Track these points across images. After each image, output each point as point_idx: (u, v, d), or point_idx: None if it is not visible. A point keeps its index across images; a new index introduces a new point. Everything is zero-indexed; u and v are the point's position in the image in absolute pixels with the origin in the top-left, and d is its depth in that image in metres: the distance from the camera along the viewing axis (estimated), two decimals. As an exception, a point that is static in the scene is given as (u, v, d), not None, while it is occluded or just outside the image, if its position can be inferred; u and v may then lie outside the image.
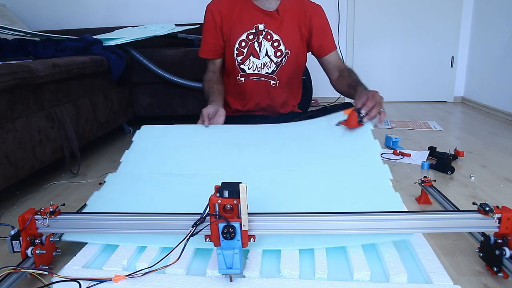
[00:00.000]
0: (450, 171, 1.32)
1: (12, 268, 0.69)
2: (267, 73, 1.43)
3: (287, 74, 1.44)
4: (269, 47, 1.39)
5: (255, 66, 1.41)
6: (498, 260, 0.71)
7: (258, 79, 1.43)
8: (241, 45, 1.39)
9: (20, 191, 1.28)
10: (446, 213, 0.77)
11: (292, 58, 1.42)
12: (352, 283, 0.69)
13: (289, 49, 1.40)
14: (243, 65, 1.42)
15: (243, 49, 1.40)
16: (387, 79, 2.95)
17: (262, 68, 1.42)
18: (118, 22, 2.77)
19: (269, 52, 1.40)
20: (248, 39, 1.39)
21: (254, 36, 1.38)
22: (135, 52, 1.96)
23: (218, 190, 0.68)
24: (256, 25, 1.38)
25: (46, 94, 1.31)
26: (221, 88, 1.45)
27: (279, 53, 1.40)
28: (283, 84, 1.46)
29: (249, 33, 1.38)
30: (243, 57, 1.41)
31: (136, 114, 2.12)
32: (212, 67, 1.49)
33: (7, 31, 1.55)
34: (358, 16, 2.88)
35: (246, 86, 1.45)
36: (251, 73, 1.43)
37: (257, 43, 1.39)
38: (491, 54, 2.53)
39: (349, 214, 0.76)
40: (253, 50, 1.40)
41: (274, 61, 1.41)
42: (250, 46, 1.39)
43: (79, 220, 0.81)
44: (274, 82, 1.44)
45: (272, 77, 1.43)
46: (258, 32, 1.38)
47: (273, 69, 1.42)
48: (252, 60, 1.41)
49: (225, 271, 0.68)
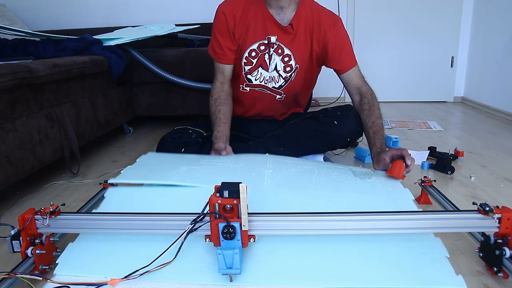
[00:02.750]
0: (450, 171, 1.32)
1: (6, 274, 0.69)
2: (274, 87, 1.36)
3: (295, 89, 1.38)
4: (278, 62, 1.32)
5: (262, 77, 1.34)
6: (498, 260, 0.71)
7: (263, 91, 1.37)
8: (251, 54, 1.32)
9: (20, 191, 1.28)
10: (446, 213, 0.78)
11: (301, 73, 1.35)
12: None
13: (299, 63, 1.33)
14: (250, 75, 1.35)
15: (253, 59, 1.32)
16: (387, 79, 2.95)
17: (269, 82, 1.35)
18: (118, 22, 2.77)
19: (278, 66, 1.32)
20: (259, 49, 1.31)
21: (266, 47, 1.30)
22: (135, 52, 1.96)
23: (218, 190, 0.68)
24: (268, 37, 1.29)
25: (46, 94, 1.31)
26: (228, 110, 1.34)
27: (288, 68, 1.32)
28: (289, 98, 1.40)
29: (260, 43, 1.30)
30: (251, 67, 1.33)
31: (136, 114, 2.12)
32: (221, 77, 1.36)
33: (7, 31, 1.55)
34: (358, 16, 2.88)
35: (249, 96, 1.40)
36: (257, 84, 1.36)
37: (268, 55, 1.31)
38: (491, 54, 2.53)
39: (350, 214, 0.76)
40: (262, 62, 1.32)
41: (283, 76, 1.34)
42: (260, 57, 1.32)
43: (79, 220, 0.80)
44: (280, 96, 1.38)
45: (279, 92, 1.37)
46: (270, 44, 1.30)
47: (281, 84, 1.35)
48: (261, 72, 1.33)
49: (225, 271, 0.69)
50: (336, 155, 1.55)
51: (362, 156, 1.50)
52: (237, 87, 1.39)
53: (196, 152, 1.29)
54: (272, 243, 0.81)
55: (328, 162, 1.33)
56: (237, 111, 1.48)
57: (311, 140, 1.33)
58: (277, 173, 1.07)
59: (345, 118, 1.30)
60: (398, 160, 1.08)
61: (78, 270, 0.76)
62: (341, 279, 0.71)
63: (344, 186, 1.01)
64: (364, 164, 1.46)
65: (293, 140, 1.34)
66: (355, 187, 1.01)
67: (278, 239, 0.83)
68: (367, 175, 1.09)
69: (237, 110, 1.48)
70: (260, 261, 0.76)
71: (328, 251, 0.78)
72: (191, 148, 1.29)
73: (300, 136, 1.34)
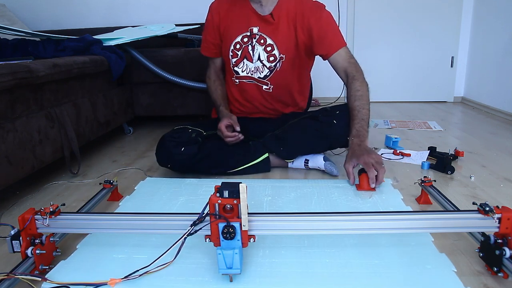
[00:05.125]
0: (450, 171, 1.32)
1: (5, 274, 0.69)
2: (259, 78, 1.41)
3: (282, 79, 1.41)
4: (261, 52, 1.38)
5: (248, 69, 1.41)
6: (498, 260, 0.71)
7: (251, 82, 1.43)
8: (235, 47, 1.39)
9: (20, 191, 1.28)
10: (446, 213, 0.78)
11: (287, 64, 1.39)
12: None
13: (284, 53, 1.37)
14: (237, 67, 1.42)
15: (238, 51, 1.40)
16: (387, 79, 2.95)
17: (254, 72, 1.40)
18: (118, 22, 2.77)
19: (261, 56, 1.38)
20: (242, 41, 1.38)
21: (249, 39, 1.37)
22: (135, 52, 1.96)
23: (218, 190, 0.68)
24: (251, 28, 1.37)
25: (46, 94, 1.31)
26: (225, 90, 1.52)
27: (272, 57, 1.38)
28: (277, 89, 1.43)
29: (244, 36, 1.38)
30: (237, 59, 1.40)
31: (136, 114, 2.12)
32: (213, 65, 1.52)
33: (7, 31, 1.55)
34: (358, 16, 2.87)
35: (241, 88, 1.45)
36: (244, 75, 1.42)
37: (251, 46, 1.38)
38: (491, 54, 2.52)
39: (349, 214, 0.76)
40: (246, 53, 1.39)
41: (267, 66, 1.39)
42: (244, 49, 1.38)
43: (79, 220, 0.81)
44: (267, 87, 1.42)
45: (265, 82, 1.41)
46: (252, 35, 1.37)
47: (266, 74, 1.40)
48: (246, 63, 1.40)
49: (225, 271, 0.68)
50: (336, 155, 1.55)
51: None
52: (230, 81, 1.46)
53: (196, 151, 1.29)
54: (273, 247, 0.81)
55: (329, 162, 1.33)
56: (236, 110, 1.51)
57: (311, 139, 1.33)
58: (276, 199, 1.09)
59: (344, 116, 1.30)
60: (364, 174, 1.15)
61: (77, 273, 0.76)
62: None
63: (345, 210, 1.02)
64: None
65: (293, 140, 1.34)
66: (356, 209, 1.03)
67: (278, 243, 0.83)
68: (368, 194, 1.12)
69: (235, 109, 1.50)
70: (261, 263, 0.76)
71: (331, 262, 0.78)
72: (190, 147, 1.29)
73: (299, 135, 1.34)
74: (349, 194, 1.12)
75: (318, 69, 1.50)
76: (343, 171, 1.25)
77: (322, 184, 1.21)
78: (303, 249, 0.82)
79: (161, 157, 1.32)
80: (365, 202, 1.06)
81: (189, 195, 1.14)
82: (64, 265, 0.78)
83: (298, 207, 1.04)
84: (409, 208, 1.02)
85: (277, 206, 1.05)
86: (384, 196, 1.10)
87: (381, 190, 1.15)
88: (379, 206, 1.04)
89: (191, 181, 1.28)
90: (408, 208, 1.03)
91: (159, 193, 1.17)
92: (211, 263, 0.77)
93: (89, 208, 0.97)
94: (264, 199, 1.09)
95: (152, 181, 1.29)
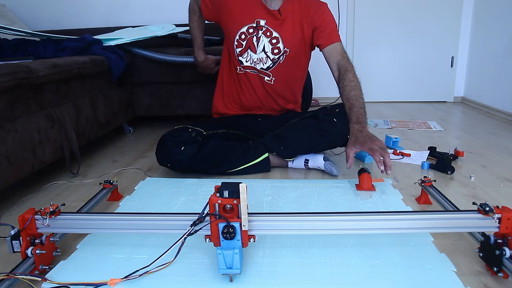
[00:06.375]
0: (450, 171, 1.32)
1: (5, 274, 0.69)
2: (262, 69, 1.44)
3: (284, 73, 1.45)
4: (267, 43, 1.41)
5: (251, 60, 1.44)
6: (498, 260, 0.71)
7: (254, 72, 1.46)
8: (241, 37, 1.42)
9: (20, 191, 1.28)
10: (446, 213, 0.78)
11: (291, 58, 1.43)
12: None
13: (289, 48, 1.41)
14: (241, 57, 1.45)
15: (242, 42, 1.43)
16: (387, 79, 2.95)
17: (257, 63, 1.44)
18: (118, 22, 2.77)
19: (266, 48, 1.41)
20: (248, 32, 1.41)
21: (254, 30, 1.41)
22: (134, 48, 1.96)
23: (218, 190, 0.68)
24: (257, 20, 1.40)
25: (46, 94, 1.31)
26: (202, 24, 1.62)
27: (276, 50, 1.41)
28: (279, 82, 1.46)
29: (249, 27, 1.41)
30: (241, 49, 1.44)
31: (136, 114, 2.12)
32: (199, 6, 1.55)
33: (7, 31, 1.55)
34: (358, 16, 2.87)
35: (245, 78, 1.47)
36: (248, 66, 1.45)
37: (256, 38, 1.41)
38: (491, 54, 2.52)
39: (349, 214, 0.76)
40: (251, 44, 1.42)
41: (271, 58, 1.42)
42: (249, 39, 1.42)
43: (79, 220, 0.81)
44: (269, 78, 1.45)
45: (267, 73, 1.44)
46: (258, 27, 1.40)
47: (269, 65, 1.43)
48: (250, 54, 1.43)
49: (225, 271, 0.68)
50: (336, 155, 1.55)
51: (361, 156, 1.50)
52: (235, 70, 1.48)
53: (196, 150, 1.29)
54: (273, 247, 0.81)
55: (329, 162, 1.33)
56: (237, 108, 1.51)
57: (311, 137, 1.33)
58: (276, 199, 1.09)
59: (344, 115, 1.30)
60: (364, 173, 1.14)
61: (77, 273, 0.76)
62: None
63: (345, 210, 1.02)
64: (364, 164, 1.46)
65: (293, 138, 1.34)
66: (357, 209, 1.03)
67: (278, 243, 0.83)
68: (368, 194, 1.12)
69: (236, 108, 1.50)
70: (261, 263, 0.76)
71: (331, 262, 0.78)
72: (190, 147, 1.29)
73: (300, 134, 1.34)
74: (349, 194, 1.12)
75: (318, 69, 1.51)
76: (343, 171, 1.26)
77: (322, 184, 1.21)
78: (303, 249, 0.82)
79: (161, 156, 1.32)
80: (365, 202, 1.06)
81: (189, 195, 1.14)
82: (64, 265, 0.78)
83: (298, 207, 1.04)
84: (409, 208, 1.03)
85: (277, 206, 1.05)
86: (384, 196, 1.10)
87: (381, 190, 1.15)
88: (379, 206, 1.04)
89: (191, 181, 1.28)
90: (408, 208, 1.03)
91: (159, 193, 1.18)
92: (211, 263, 0.77)
93: (89, 208, 0.97)
94: (264, 199, 1.09)
95: (152, 181, 1.29)
